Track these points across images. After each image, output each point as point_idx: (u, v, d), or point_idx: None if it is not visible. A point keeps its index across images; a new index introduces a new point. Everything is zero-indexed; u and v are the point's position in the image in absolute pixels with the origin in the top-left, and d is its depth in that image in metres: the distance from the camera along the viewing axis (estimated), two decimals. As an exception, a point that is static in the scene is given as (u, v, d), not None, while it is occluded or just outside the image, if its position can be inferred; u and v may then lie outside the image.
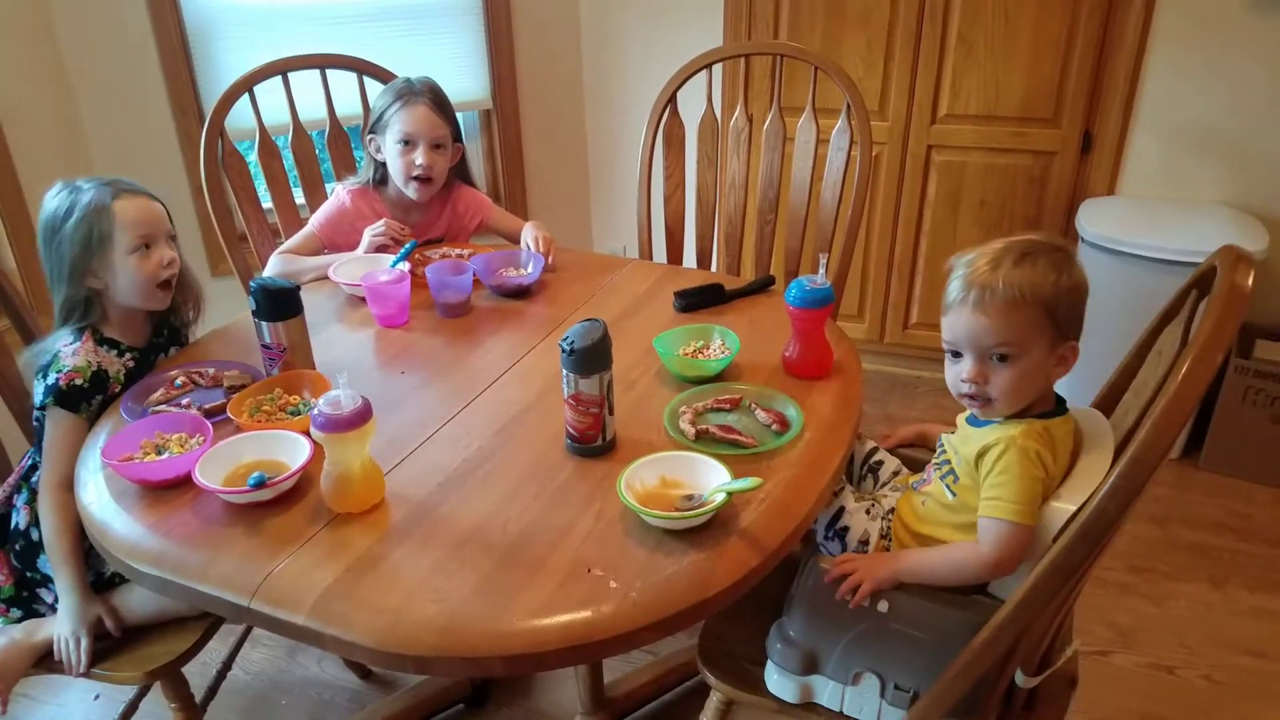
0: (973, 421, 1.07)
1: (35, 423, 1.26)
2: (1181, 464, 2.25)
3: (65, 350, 1.23)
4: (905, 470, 1.27)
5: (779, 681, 1.10)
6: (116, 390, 1.26)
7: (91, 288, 1.25)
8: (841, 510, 1.15)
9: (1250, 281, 0.85)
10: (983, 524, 0.99)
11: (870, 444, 1.29)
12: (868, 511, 1.16)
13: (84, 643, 1.17)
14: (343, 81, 1.86)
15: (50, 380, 1.19)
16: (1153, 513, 2.09)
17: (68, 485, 1.17)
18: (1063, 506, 0.95)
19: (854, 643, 1.05)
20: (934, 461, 1.13)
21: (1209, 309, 0.85)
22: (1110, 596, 1.85)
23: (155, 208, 1.27)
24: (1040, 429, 0.99)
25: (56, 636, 1.18)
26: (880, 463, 1.27)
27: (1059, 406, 1.04)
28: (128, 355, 1.29)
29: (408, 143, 1.61)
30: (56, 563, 1.18)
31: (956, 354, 1.02)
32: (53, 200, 1.24)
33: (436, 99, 1.64)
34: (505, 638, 0.83)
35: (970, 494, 1.03)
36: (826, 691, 1.08)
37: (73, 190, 1.24)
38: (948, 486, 1.07)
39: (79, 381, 1.20)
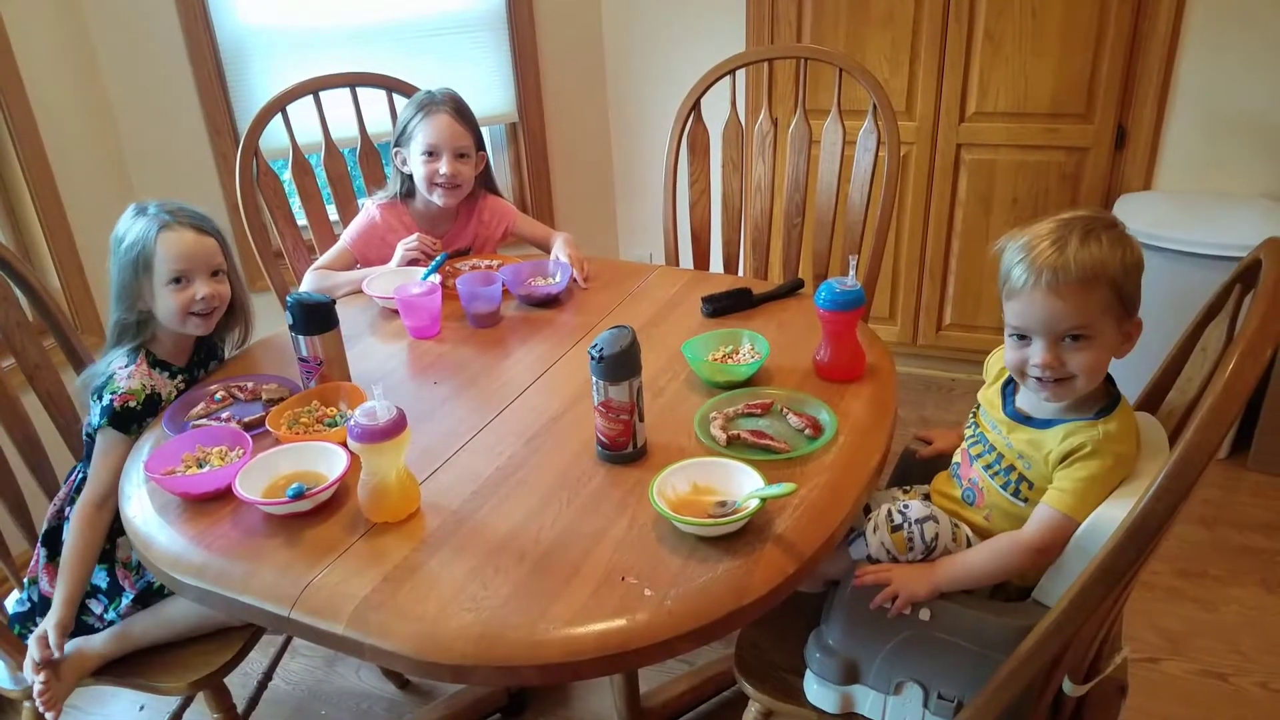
0: (1035, 424, 1.03)
1: (86, 439, 1.29)
2: (1229, 464, 2.19)
3: (121, 372, 1.25)
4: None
5: (819, 691, 1.08)
6: None
7: (141, 311, 1.28)
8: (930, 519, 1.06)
9: (1299, 273, 0.82)
10: (1040, 509, 0.98)
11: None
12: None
13: (52, 640, 1.16)
14: (373, 99, 1.89)
15: (105, 401, 1.22)
16: (1200, 515, 2.03)
17: (103, 504, 1.21)
18: (1110, 514, 0.93)
19: (895, 652, 1.03)
20: (987, 470, 1.08)
21: (1255, 303, 0.83)
22: (1159, 602, 1.80)
23: (202, 243, 1.27)
24: (1116, 429, 0.97)
25: (34, 637, 1.17)
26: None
27: (1113, 391, 1.02)
28: (179, 378, 1.32)
29: (432, 153, 1.63)
30: (63, 574, 1.20)
31: (1023, 337, 0.99)
32: (120, 223, 1.28)
33: (457, 108, 1.65)
34: (540, 646, 0.83)
35: (1042, 494, 1.01)
36: (868, 702, 1.07)
37: (138, 214, 1.27)
38: (1014, 496, 1.04)
39: (133, 404, 1.23)
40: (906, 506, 1.06)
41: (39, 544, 1.30)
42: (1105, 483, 0.96)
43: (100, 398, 1.23)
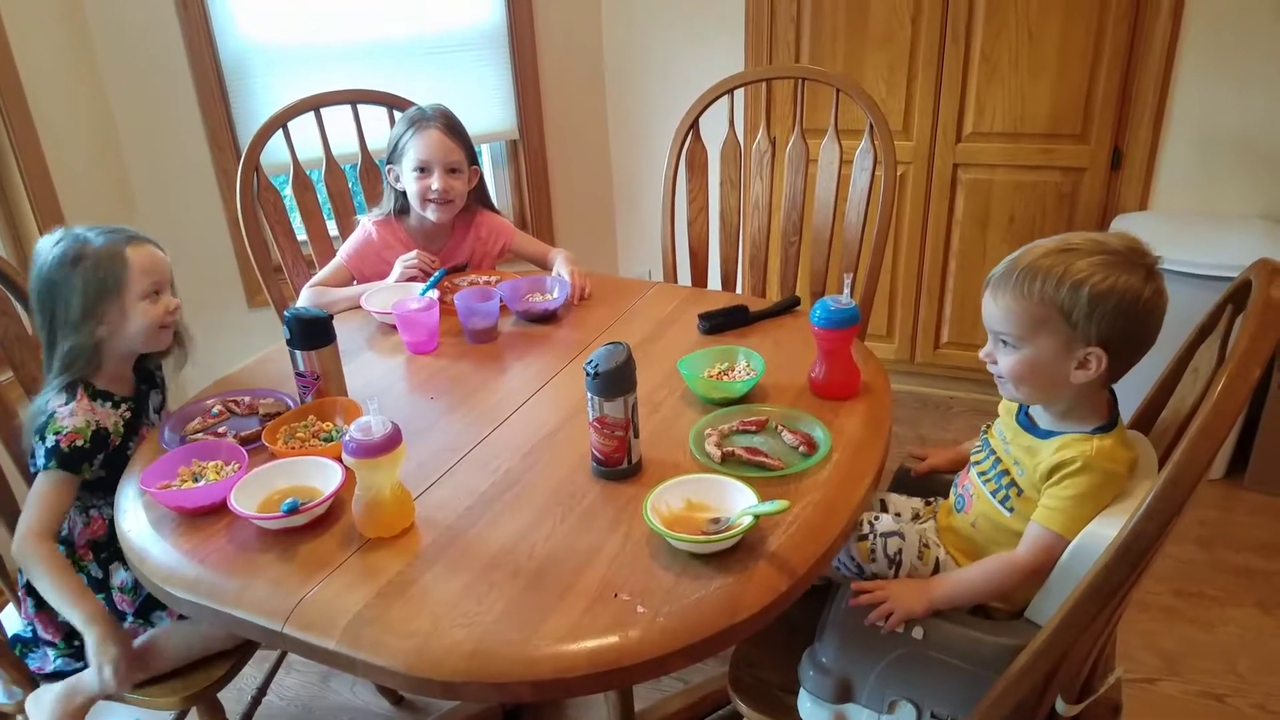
0: (1037, 432, 1.05)
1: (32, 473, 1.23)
2: (1226, 484, 2.19)
3: (62, 410, 1.20)
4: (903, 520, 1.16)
5: (812, 710, 1.08)
6: (117, 443, 1.25)
7: (99, 336, 1.23)
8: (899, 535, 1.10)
9: (1287, 294, 0.83)
10: (1031, 528, 0.99)
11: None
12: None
13: (122, 670, 1.12)
14: (374, 116, 1.90)
15: (50, 443, 1.17)
16: (1197, 535, 2.03)
17: (51, 535, 1.18)
18: (1102, 532, 0.93)
19: (889, 670, 1.03)
20: (981, 476, 1.10)
21: (1245, 324, 0.83)
22: (1155, 622, 1.80)
23: (162, 256, 1.29)
24: (1110, 446, 0.97)
25: (95, 668, 1.12)
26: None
27: (1114, 413, 1.03)
28: (124, 406, 1.28)
29: (423, 169, 1.64)
30: (69, 604, 1.14)
31: None
32: (56, 247, 1.22)
33: (448, 123, 1.66)
34: (533, 663, 0.83)
35: (1032, 506, 1.01)
36: None
37: (77, 238, 1.23)
38: (1002, 503, 1.05)
39: (80, 443, 1.18)
40: (877, 519, 1.09)
41: (23, 590, 1.26)
42: (1095, 499, 0.96)
43: (43, 438, 1.18)
